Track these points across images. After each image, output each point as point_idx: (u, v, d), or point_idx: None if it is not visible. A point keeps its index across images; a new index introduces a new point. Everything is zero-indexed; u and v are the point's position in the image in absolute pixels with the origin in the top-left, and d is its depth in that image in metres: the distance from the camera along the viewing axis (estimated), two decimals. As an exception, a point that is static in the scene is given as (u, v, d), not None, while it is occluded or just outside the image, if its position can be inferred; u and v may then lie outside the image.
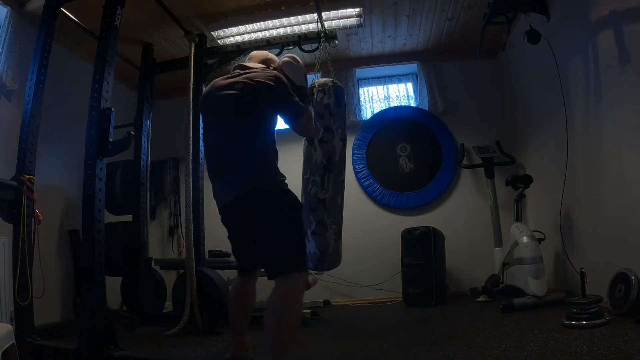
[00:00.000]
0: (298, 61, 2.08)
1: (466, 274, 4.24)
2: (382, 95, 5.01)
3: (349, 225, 4.47)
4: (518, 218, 3.57)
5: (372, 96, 5.04)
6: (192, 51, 3.71)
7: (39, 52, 2.86)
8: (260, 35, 3.97)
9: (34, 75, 2.83)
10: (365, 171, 4.65)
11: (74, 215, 3.86)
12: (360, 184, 4.63)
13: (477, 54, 4.01)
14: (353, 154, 4.68)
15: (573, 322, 2.34)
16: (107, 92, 2.60)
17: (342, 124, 2.64)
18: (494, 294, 3.60)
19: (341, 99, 2.64)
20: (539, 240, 3.37)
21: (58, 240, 3.72)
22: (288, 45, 3.80)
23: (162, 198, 4.97)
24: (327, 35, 3.59)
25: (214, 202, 2.02)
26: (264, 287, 3.98)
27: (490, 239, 3.95)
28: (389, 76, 5.00)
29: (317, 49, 3.66)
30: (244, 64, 2.11)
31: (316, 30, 3.57)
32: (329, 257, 2.57)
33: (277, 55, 3.83)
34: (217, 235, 2.67)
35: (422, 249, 3.86)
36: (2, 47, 3.29)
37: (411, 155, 4.62)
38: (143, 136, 3.92)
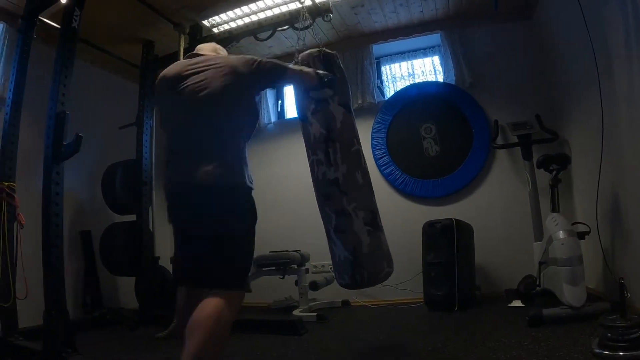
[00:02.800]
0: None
1: (502, 273, 3.64)
2: (406, 72, 4.48)
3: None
4: (555, 207, 2.92)
5: (394, 74, 4.53)
6: (182, 44, 3.57)
7: (17, 62, 2.86)
8: (254, 18, 3.66)
9: (12, 85, 2.84)
10: (386, 157, 4.18)
11: (84, 216, 3.89)
12: (381, 171, 4.16)
13: (506, 17, 3.38)
14: (372, 139, 4.23)
15: (606, 352, 1.76)
16: (64, 95, 2.48)
17: (337, 91, 2.14)
18: (529, 299, 3.02)
19: (331, 66, 2.14)
20: (583, 235, 2.75)
21: (69, 241, 3.74)
22: (281, 26, 3.47)
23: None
24: (319, 9, 3.21)
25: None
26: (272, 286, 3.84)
27: (531, 231, 3.34)
28: (412, 50, 4.46)
29: (308, 27, 3.29)
30: (196, 52, 1.95)
31: (309, 6, 3.21)
32: (367, 261, 1.93)
33: (268, 37, 3.57)
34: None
35: (444, 244, 3.36)
36: (0, 60, 3.32)
37: (437, 137, 4.06)
38: (145, 134, 3.82)
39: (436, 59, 4.38)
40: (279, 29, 3.50)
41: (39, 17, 2.79)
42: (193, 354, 1.37)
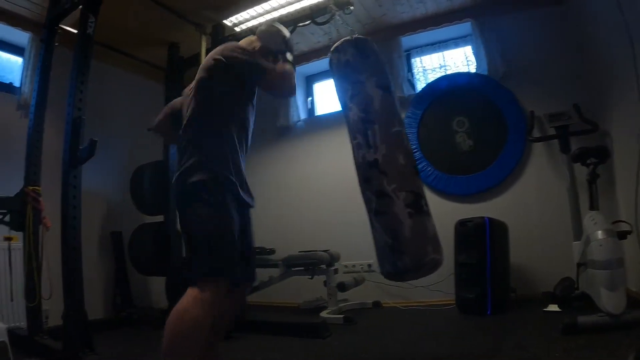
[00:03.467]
0: (273, 26, 1.97)
1: (540, 274, 3.40)
2: (438, 64, 4.29)
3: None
4: (593, 205, 2.68)
5: (425, 66, 4.35)
6: (203, 44, 3.57)
7: (39, 69, 2.96)
8: (276, 14, 3.62)
9: (35, 93, 2.92)
10: (417, 153, 4.01)
11: (115, 217, 3.99)
12: (412, 168, 4.02)
13: (538, 2, 3.13)
14: (403, 134, 4.08)
15: (642, 370, 1.60)
16: (80, 101, 2.52)
17: (375, 73, 2.06)
18: (566, 303, 2.80)
19: (364, 50, 2.09)
20: (625, 234, 2.51)
21: (100, 242, 3.87)
22: (302, 21, 3.39)
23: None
24: (339, 3, 3.11)
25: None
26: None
27: (571, 230, 3.10)
28: (443, 41, 4.25)
29: (329, 20, 3.21)
30: None
31: (329, -1, 3.13)
32: (409, 245, 1.76)
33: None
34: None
35: (476, 244, 3.18)
36: (27, 69, 3.45)
37: (470, 131, 3.85)
38: (171, 136, 3.85)
39: (468, 49, 4.16)
40: (300, 24, 3.42)
41: (61, 26, 2.86)
42: (163, 354, 1.41)
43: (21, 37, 3.50)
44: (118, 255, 3.87)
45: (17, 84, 3.55)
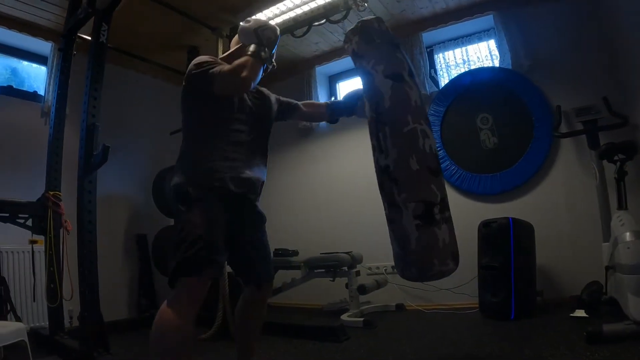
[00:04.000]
0: (247, 20, 1.81)
1: (568, 276, 3.23)
2: (461, 59, 4.16)
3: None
4: (621, 204, 2.52)
5: (448, 62, 4.22)
6: (220, 47, 3.59)
7: (57, 78, 3.05)
8: (292, 14, 3.59)
9: (54, 100, 3.01)
10: (440, 151, 3.90)
11: (140, 220, 4.08)
12: (436, 167, 3.92)
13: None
14: (426, 132, 3.97)
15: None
16: (94, 108, 2.58)
17: (381, 61, 1.87)
18: (594, 308, 2.65)
19: (367, 35, 1.92)
20: (656, 236, 2.34)
21: (125, 244, 3.96)
22: (317, 20, 3.37)
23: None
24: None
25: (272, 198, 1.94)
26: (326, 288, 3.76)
27: (600, 231, 2.93)
28: (466, 35, 4.10)
29: (344, 17, 3.18)
30: None
31: (344, -3, 3.10)
32: (415, 258, 1.72)
33: (304, 34, 3.49)
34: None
35: (500, 246, 3.07)
36: (50, 77, 3.56)
37: (494, 128, 3.70)
38: (192, 139, 3.90)
39: (492, 43, 4.01)
40: (315, 23, 3.39)
41: (80, 35, 2.93)
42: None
43: (45, 47, 3.63)
44: (143, 258, 3.96)
45: (41, 92, 3.68)
